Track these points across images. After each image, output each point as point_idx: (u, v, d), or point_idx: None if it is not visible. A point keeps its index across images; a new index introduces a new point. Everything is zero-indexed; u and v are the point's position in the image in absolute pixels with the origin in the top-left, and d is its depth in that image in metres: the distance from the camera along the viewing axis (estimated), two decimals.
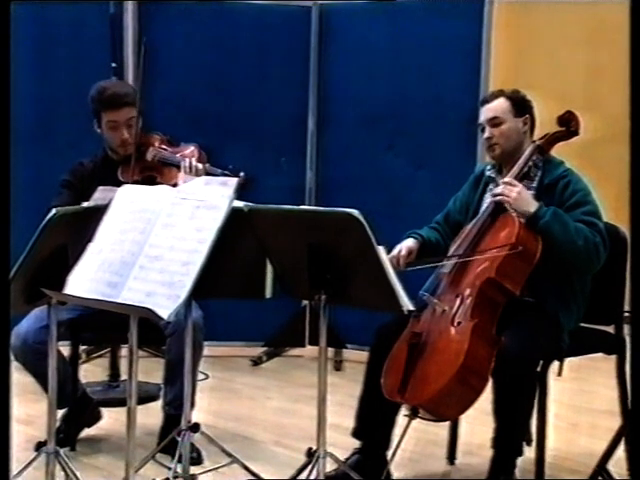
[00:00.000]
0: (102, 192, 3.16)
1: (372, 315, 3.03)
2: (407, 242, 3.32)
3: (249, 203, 2.83)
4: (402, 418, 3.07)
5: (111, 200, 2.78)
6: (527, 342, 3.01)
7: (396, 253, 3.25)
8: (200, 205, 2.66)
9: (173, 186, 2.90)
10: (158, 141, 3.72)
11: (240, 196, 2.75)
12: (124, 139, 3.63)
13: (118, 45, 4.85)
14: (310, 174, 5.12)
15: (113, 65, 4.77)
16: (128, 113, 3.61)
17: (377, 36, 4.94)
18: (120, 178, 3.57)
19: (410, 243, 3.32)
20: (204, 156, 3.64)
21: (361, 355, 3.63)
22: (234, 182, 2.70)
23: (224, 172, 3.41)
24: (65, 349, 3.57)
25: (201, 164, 3.54)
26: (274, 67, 5.04)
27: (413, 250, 3.29)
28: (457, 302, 3.04)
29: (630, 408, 3.04)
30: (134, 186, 2.92)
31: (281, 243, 2.86)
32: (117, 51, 4.84)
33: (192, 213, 2.65)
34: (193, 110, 4.90)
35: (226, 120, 4.97)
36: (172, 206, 2.69)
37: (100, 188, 3.22)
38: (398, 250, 3.27)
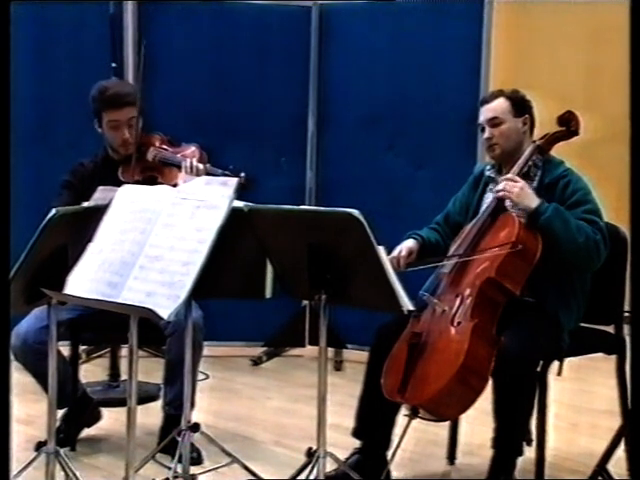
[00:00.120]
0: (102, 192, 3.16)
1: (372, 315, 3.03)
2: (407, 243, 3.32)
3: (249, 203, 2.83)
4: (402, 418, 3.07)
5: (111, 200, 2.78)
6: (527, 342, 3.01)
7: (396, 254, 3.25)
8: (200, 205, 2.66)
9: (174, 186, 2.90)
10: (159, 141, 3.72)
11: (240, 196, 2.76)
12: (125, 139, 3.63)
13: (118, 45, 4.84)
14: (310, 174, 5.12)
15: (113, 65, 4.77)
16: (129, 113, 3.61)
17: (377, 36, 4.93)
18: (121, 178, 3.57)
19: (410, 244, 3.32)
20: (205, 156, 3.63)
21: (361, 355, 3.63)
22: (234, 182, 2.70)
23: (225, 172, 3.41)
24: (65, 349, 3.57)
25: (202, 164, 3.54)
26: (274, 67, 5.04)
27: (413, 251, 3.30)
28: (457, 302, 3.04)
29: (630, 408, 3.04)
30: (134, 186, 2.92)
31: (281, 243, 2.86)
32: (117, 51, 4.84)
33: (192, 213, 2.65)
34: (193, 110, 4.90)
35: (226, 120, 4.97)
36: (172, 206, 2.69)
37: (100, 188, 3.22)
38: (398, 251, 3.27)
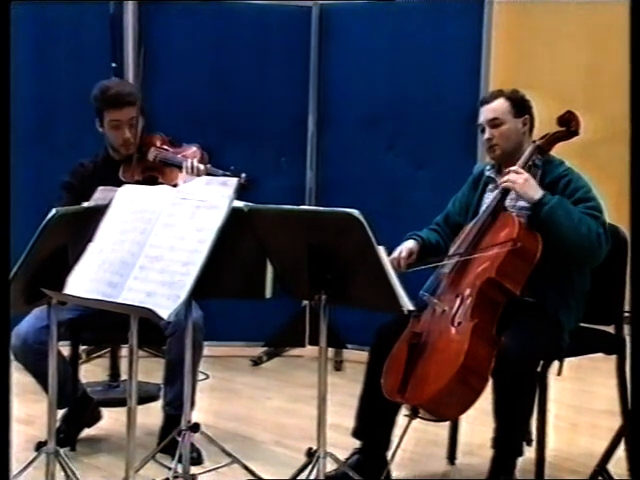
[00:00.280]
0: (102, 192, 3.15)
1: (372, 315, 3.03)
2: (407, 244, 3.32)
3: (249, 203, 2.83)
4: (402, 418, 3.07)
5: (111, 200, 2.79)
6: (527, 342, 3.01)
7: (397, 255, 3.25)
8: (200, 205, 2.66)
9: (174, 187, 2.90)
10: (160, 141, 3.72)
11: (240, 197, 2.76)
12: (126, 138, 3.62)
13: (118, 45, 4.84)
14: (310, 174, 5.12)
15: (113, 65, 4.76)
16: (131, 112, 3.60)
17: (377, 36, 4.93)
18: (121, 178, 3.57)
19: (410, 244, 3.31)
20: (206, 157, 3.63)
21: (361, 355, 3.63)
22: (234, 182, 2.70)
23: (225, 173, 3.41)
24: (65, 349, 3.57)
25: (203, 165, 3.54)
26: (274, 67, 5.04)
27: (414, 251, 3.29)
28: (457, 302, 3.04)
29: (630, 408, 3.04)
30: (134, 186, 2.92)
31: (281, 243, 2.86)
32: (117, 51, 4.83)
33: (192, 213, 2.65)
34: (193, 110, 4.90)
35: (226, 120, 4.97)
36: (172, 206, 2.69)
37: (100, 188, 3.21)
38: (398, 252, 3.27)
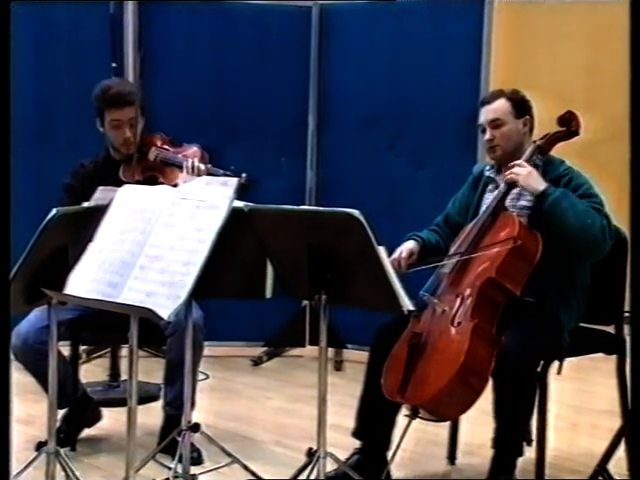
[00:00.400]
0: (102, 192, 3.15)
1: (372, 315, 3.03)
2: (407, 244, 3.32)
3: (249, 203, 2.83)
4: (402, 418, 3.07)
5: (111, 200, 2.79)
6: (527, 342, 3.00)
7: (397, 255, 3.25)
8: (200, 205, 2.66)
9: (174, 186, 2.90)
10: (160, 141, 3.72)
11: (241, 197, 2.76)
12: (126, 138, 3.63)
13: (118, 45, 4.84)
14: (310, 174, 5.12)
15: (113, 65, 4.76)
16: (131, 112, 3.61)
17: (377, 36, 4.93)
18: (122, 178, 3.57)
19: (411, 245, 3.31)
20: (206, 157, 3.64)
21: (361, 355, 3.63)
22: (234, 182, 2.70)
23: (226, 173, 3.41)
24: (65, 349, 3.57)
25: (203, 165, 3.54)
26: (274, 67, 5.04)
27: (414, 252, 3.29)
28: (457, 302, 3.04)
29: (630, 408, 3.04)
30: (135, 186, 2.92)
31: (281, 243, 2.86)
32: (117, 51, 4.83)
33: (192, 213, 2.65)
34: (193, 110, 4.90)
35: (226, 120, 4.97)
36: (172, 206, 2.69)
37: (100, 188, 3.21)
38: (399, 252, 3.27)
